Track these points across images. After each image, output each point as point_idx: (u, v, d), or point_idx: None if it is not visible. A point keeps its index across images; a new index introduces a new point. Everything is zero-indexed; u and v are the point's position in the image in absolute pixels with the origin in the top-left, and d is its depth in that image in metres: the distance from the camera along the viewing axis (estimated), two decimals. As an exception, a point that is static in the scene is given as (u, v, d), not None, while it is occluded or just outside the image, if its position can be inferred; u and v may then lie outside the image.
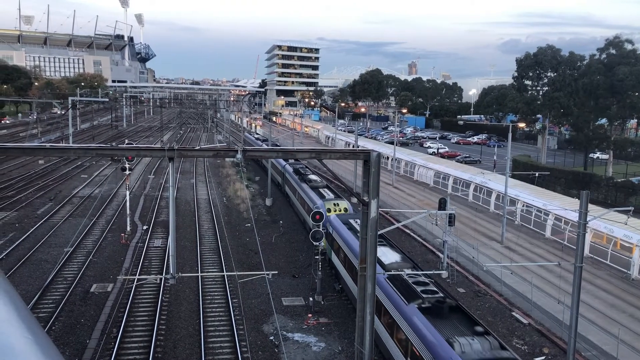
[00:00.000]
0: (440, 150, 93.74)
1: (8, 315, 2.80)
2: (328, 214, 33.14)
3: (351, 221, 30.01)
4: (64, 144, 62.91)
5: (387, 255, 23.82)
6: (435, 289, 19.80)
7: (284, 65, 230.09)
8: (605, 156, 76.53)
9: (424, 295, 18.76)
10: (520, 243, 39.07)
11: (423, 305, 18.21)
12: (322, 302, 27.55)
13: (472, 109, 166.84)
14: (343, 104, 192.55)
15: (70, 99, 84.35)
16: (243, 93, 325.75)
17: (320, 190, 40.35)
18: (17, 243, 35.18)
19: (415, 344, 17.05)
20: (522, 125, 74.93)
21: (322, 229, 27.99)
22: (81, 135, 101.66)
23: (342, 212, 34.91)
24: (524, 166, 68.10)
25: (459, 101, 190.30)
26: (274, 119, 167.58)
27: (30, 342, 2.60)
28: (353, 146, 66.89)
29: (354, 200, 39.26)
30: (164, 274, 28.26)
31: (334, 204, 35.92)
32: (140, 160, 70.25)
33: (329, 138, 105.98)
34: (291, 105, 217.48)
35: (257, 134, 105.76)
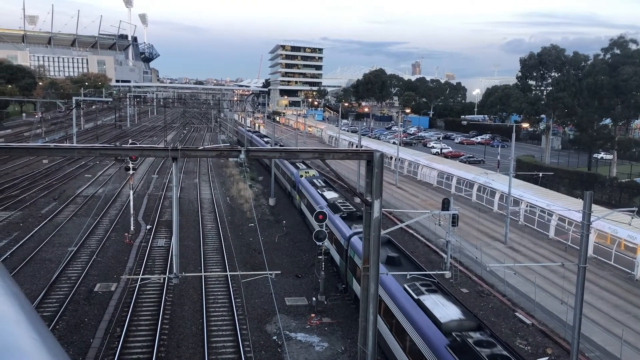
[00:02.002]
0: (444, 150, 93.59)
1: (15, 316, 2.83)
2: (300, 177, 46.88)
3: (313, 180, 45.20)
4: (67, 144, 63.08)
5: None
6: (351, 206, 35.11)
7: (288, 65, 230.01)
8: (609, 156, 76.29)
9: (342, 209, 33.83)
10: (523, 243, 39.00)
11: (342, 215, 32.48)
12: (325, 302, 27.57)
13: (475, 109, 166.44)
14: (346, 104, 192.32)
15: (74, 98, 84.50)
16: (246, 93, 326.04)
17: (297, 163, 53.56)
18: (21, 242, 35.33)
19: (335, 234, 31.27)
20: (525, 125, 74.84)
21: (295, 189, 47.97)
22: (85, 135, 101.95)
23: (310, 176, 47.52)
24: (527, 166, 67.94)
25: (463, 101, 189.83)
26: (277, 118, 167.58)
27: (38, 343, 2.62)
28: (356, 146, 66.84)
29: (357, 200, 39.60)
30: (167, 273, 28.41)
31: (305, 172, 49.07)
32: (143, 160, 70.39)
33: (332, 138, 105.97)
34: (294, 105, 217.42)
35: (248, 126, 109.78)
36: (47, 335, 2.79)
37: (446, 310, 18.30)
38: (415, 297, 19.54)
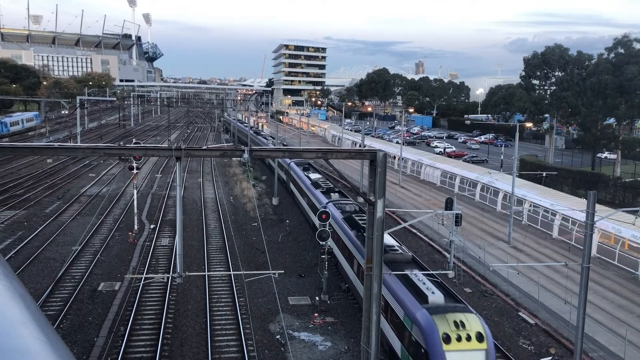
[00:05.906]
0: (447, 150, 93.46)
1: (22, 318, 2.85)
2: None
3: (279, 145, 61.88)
4: (72, 144, 63.23)
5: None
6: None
7: (291, 65, 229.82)
8: (613, 156, 76.04)
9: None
10: (527, 243, 38.95)
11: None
12: (328, 302, 27.60)
13: (479, 109, 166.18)
14: (350, 104, 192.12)
15: (78, 98, 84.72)
16: (250, 92, 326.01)
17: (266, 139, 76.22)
18: (25, 241, 35.47)
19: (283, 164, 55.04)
20: (529, 124, 74.54)
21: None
22: (89, 135, 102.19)
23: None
24: (531, 166, 67.81)
25: (466, 100, 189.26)
26: (280, 118, 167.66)
27: (44, 344, 2.65)
28: (359, 145, 66.79)
29: (360, 200, 39.66)
30: (171, 272, 28.46)
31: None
32: (147, 159, 70.51)
33: (335, 137, 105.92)
34: (298, 104, 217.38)
35: (240, 120, 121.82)
36: (53, 336, 2.82)
37: (331, 193, 38.95)
38: (316, 189, 39.85)
